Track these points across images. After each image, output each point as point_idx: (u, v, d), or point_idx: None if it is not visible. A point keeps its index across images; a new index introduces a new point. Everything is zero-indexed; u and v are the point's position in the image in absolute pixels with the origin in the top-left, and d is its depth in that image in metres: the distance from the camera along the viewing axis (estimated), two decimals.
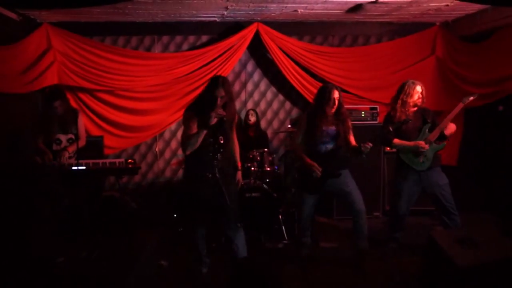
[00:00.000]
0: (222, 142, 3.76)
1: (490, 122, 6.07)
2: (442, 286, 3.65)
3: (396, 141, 4.55)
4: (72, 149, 4.87)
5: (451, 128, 4.51)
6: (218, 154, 3.76)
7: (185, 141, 3.80)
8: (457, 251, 3.56)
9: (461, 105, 4.46)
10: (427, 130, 4.53)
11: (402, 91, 4.56)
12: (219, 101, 3.78)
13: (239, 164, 4.20)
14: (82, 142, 5.12)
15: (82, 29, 6.07)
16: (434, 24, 6.54)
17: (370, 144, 4.08)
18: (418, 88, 4.52)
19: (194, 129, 3.80)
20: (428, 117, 4.59)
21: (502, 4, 4.92)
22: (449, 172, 4.67)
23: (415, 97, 4.51)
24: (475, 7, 5.65)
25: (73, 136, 4.89)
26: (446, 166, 4.75)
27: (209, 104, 3.78)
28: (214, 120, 3.72)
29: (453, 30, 6.46)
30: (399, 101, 4.54)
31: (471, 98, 4.47)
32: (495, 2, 4.30)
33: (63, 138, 4.89)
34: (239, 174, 4.19)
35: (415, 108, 4.56)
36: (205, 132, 3.73)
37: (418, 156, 4.51)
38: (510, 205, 5.65)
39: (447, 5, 5.53)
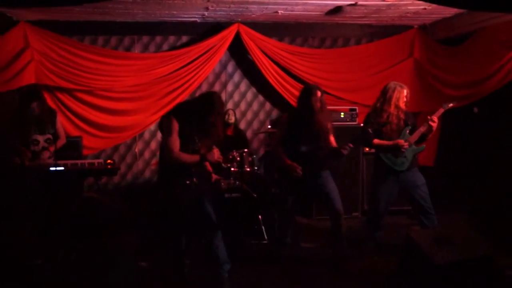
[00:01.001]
0: (197, 149, 3.79)
1: (465, 123, 6.19)
2: (420, 283, 3.72)
3: (376, 141, 4.59)
4: (52, 148, 4.83)
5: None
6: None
7: (181, 158, 3.73)
8: (434, 249, 3.63)
9: (441, 110, 4.55)
10: (407, 131, 4.60)
11: (392, 95, 4.55)
12: (218, 125, 3.80)
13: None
14: (62, 141, 5.07)
15: (61, 28, 6.00)
16: (412, 27, 6.64)
17: (351, 145, 4.12)
18: (405, 92, 4.57)
19: (176, 134, 3.73)
20: (408, 120, 4.65)
21: (478, 9, 5.02)
22: (426, 172, 4.76)
23: (403, 100, 4.57)
24: (452, 11, 5.76)
25: (50, 136, 4.83)
26: (423, 167, 4.84)
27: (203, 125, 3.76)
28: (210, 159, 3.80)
29: (431, 33, 6.58)
30: (393, 105, 4.53)
31: (451, 104, 4.57)
32: (471, 6, 4.38)
33: (40, 138, 4.82)
34: (212, 176, 4.18)
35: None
36: (199, 160, 3.77)
37: (398, 157, 4.57)
38: (485, 205, 5.77)
39: (425, 9, 5.63)
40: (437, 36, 6.51)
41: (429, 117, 4.50)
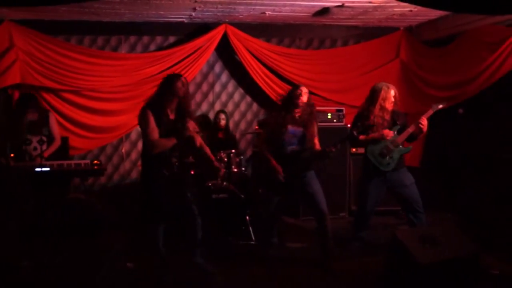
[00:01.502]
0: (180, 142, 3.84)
1: (450, 124, 6.26)
2: (406, 283, 3.75)
3: (362, 137, 4.59)
4: (48, 153, 4.85)
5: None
6: (175, 152, 3.84)
7: (159, 144, 3.77)
8: (419, 249, 3.67)
9: (430, 111, 4.61)
10: (396, 132, 4.64)
11: (378, 95, 4.60)
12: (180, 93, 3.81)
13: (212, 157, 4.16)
14: (57, 143, 5.08)
15: (46, 27, 5.94)
16: (399, 28, 6.70)
17: (333, 150, 4.14)
18: (392, 92, 4.62)
19: (154, 124, 3.78)
20: (398, 120, 4.69)
21: (462, 11, 5.08)
22: (411, 173, 4.79)
23: (390, 100, 4.60)
24: (437, 13, 5.83)
25: (44, 138, 4.82)
26: (409, 167, 4.87)
27: (171, 98, 3.81)
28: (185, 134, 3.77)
29: (417, 35, 6.65)
30: (378, 106, 4.58)
31: (441, 106, 4.63)
32: (455, 8, 4.43)
33: (32, 138, 4.80)
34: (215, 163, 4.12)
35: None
36: (174, 141, 3.77)
37: (384, 157, 4.61)
38: (470, 204, 5.84)
39: (411, 11, 5.68)
40: (422, 38, 6.59)
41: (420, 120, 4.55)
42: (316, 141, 4.44)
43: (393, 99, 4.62)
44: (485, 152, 5.78)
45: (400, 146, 4.62)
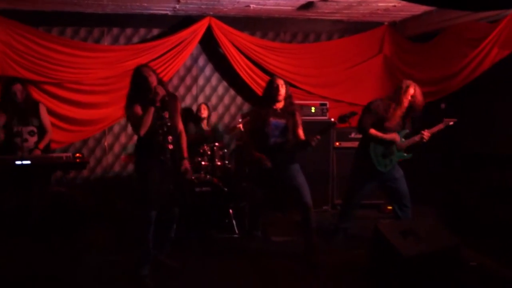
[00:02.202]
0: (169, 124, 3.83)
1: (433, 119, 6.31)
2: (388, 275, 3.80)
3: (373, 131, 4.57)
4: (43, 145, 4.79)
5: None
6: (169, 137, 3.83)
7: (137, 121, 3.77)
8: (401, 242, 3.71)
9: (441, 126, 4.69)
10: (402, 137, 4.66)
11: (407, 92, 4.54)
12: (150, 80, 3.78)
13: (185, 153, 4.11)
14: (50, 134, 5.02)
15: (27, 18, 5.83)
16: (383, 23, 6.74)
17: (318, 137, 4.15)
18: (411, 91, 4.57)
19: (138, 109, 3.79)
20: (407, 124, 4.70)
21: (446, 7, 5.12)
22: (399, 167, 4.83)
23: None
24: (421, 9, 5.87)
25: (34, 129, 4.76)
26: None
27: (143, 86, 3.79)
28: (157, 98, 3.73)
29: (400, 30, 6.70)
30: (405, 101, 4.53)
31: (451, 123, 4.68)
32: (439, 4, 4.47)
33: (23, 130, 4.73)
34: (185, 163, 4.05)
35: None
36: (152, 109, 3.73)
37: (385, 158, 4.63)
38: (450, 198, 5.92)
39: (395, 6, 5.72)
40: (406, 33, 6.63)
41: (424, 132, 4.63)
42: (301, 131, 4.43)
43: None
44: (467, 147, 5.86)
45: (403, 153, 4.66)
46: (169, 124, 3.86)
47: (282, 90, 4.36)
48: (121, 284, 3.94)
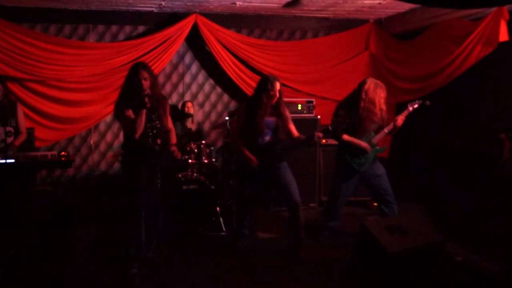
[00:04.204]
0: (159, 126, 3.84)
1: (418, 116, 6.37)
2: (374, 271, 3.83)
3: (346, 137, 4.58)
4: (18, 142, 4.71)
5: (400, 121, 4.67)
6: (158, 139, 3.84)
7: (131, 126, 3.74)
8: (387, 238, 3.75)
9: (409, 109, 4.70)
10: (372, 132, 4.69)
11: (364, 89, 4.55)
12: (144, 83, 3.75)
13: (174, 142, 4.13)
14: (23, 136, 4.95)
15: (9, 14, 5.75)
16: (368, 21, 6.78)
17: (321, 135, 4.16)
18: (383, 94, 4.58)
19: (132, 116, 3.76)
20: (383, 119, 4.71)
21: (430, 5, 5.16)
22: (381, 164, 4.87)
23: (384, 100, 4.58)
24: (406, 6, 5.91)
25: (11, 129, 4.69)
26: (378, 158, 4.94)
27: (136, 88, 3.75)
28: (147, 101, 3.69)
29: (386, 27, 6.75)
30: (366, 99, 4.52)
31: (416, 105, 4.71)
32: (424, 2, 4.50)
33: (0, 130, 4.67)
34: (173, 147, 4.06)
35: None
36: (144, 111, 3.70)
37: (360, 158, 4.65)
38: (436, 194, 5.99)
39: (380, 3, 5.75)
40: (391, 31, 6.68)
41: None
42: (292, 126, 4.42)
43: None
44: (451, 143, 5.93)
45: (376, 147, 4.69)
46: (158, 126, 3.87)
47: (277, 92, 4.33)
48: (109, 283, 3.92)
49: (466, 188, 5.43)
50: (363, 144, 4.61)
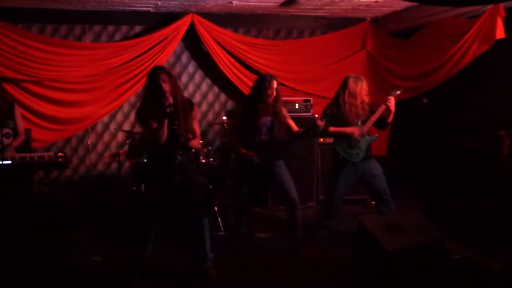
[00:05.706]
0: (178, 134, 3.71)
1: (415, 114, 6.39)
2: (372, 269, 3.83)
3: (332, 128, 4.63)
4: (16, 143, 4.69)
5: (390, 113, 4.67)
6: (179, 150, 3.78)
7: (153, 135, 3.68)
8: (385, 236, 3.75)
9: (396, 93, 4.70)
10: (359, 122, 4.69)
11: (347, 85, 4.63)
12: (163, 86, 3.65)
13: (195, 145, 4.02)
14: (21, 138, 4.92)
15: (5, 15, 5.72)
16: (365, 19, 6.77)
17: (322, 123, 4.16)
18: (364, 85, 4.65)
19: (155, 125, 3.69)
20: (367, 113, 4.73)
21: (427, 3, 5.18)
22: (378, 162, 4.87)
23: (365, 92, 4.64)
24: (402, 5, 5.91)
25: (10, 131, 4.67)
26: (375, 157, 4.95)
27: (156, 92, 3.66)
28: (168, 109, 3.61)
29: (382, 25, 6.75)
30: (346, 94, 4.61)
31: (398, 92, 4.71)
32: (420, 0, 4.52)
33: None
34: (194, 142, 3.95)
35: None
36: (166, 121, 3.63)
37: (352, 148, 4.66)
38: (433, 192, 5.99)
39: (377, 1, 5.74)
40: (388, 29, 6.68)
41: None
42: (291, 121, 4.45)
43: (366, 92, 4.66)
44: (449, 141, 5.93)
45: (366, 136, 4.69)
46: (180, 137, 3.74)
47: (274, 91, 4.34)
48: (107, 284, 3.91)
49: (465, 185, 5.43)
50: (348, 129, 4.62)
